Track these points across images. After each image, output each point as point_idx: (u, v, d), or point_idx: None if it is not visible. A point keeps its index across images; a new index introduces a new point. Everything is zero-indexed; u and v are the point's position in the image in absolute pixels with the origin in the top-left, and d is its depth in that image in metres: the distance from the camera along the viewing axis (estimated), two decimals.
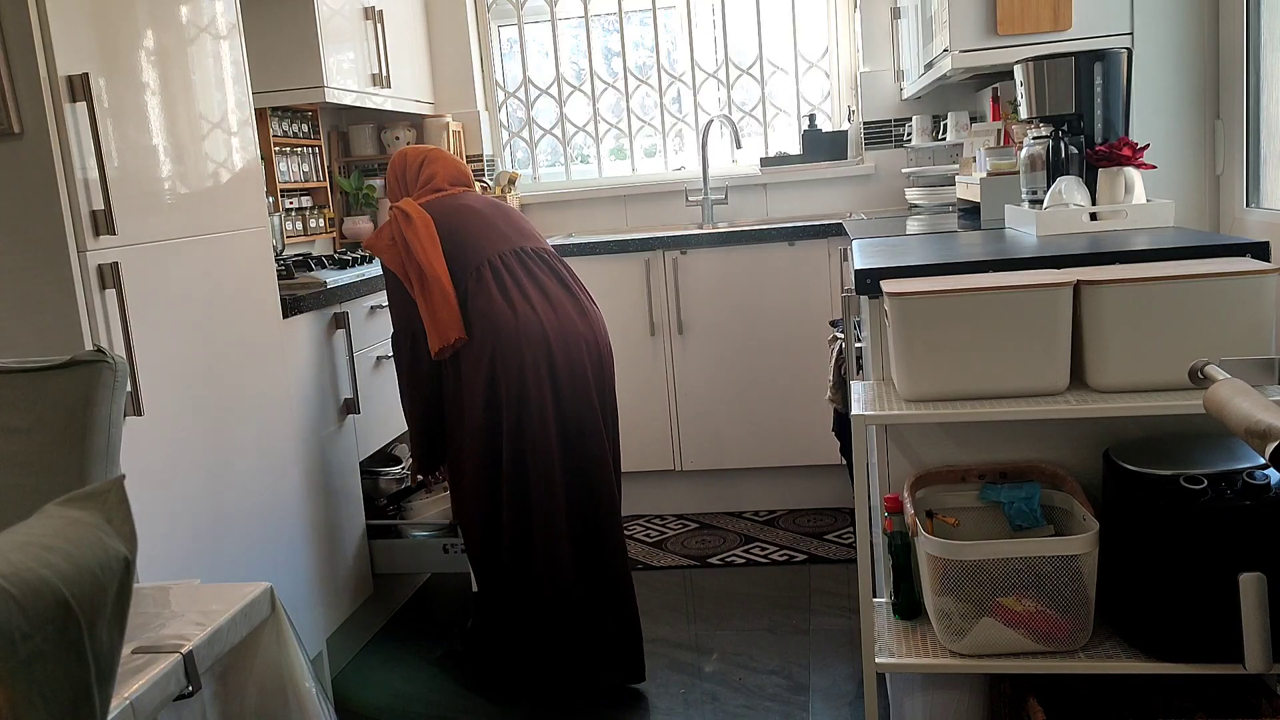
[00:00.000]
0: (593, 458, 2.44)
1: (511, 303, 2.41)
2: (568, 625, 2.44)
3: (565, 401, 2.42)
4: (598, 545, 2.46)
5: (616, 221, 4.18)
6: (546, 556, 2.40)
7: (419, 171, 2.66)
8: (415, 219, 2.48)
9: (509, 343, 2.37)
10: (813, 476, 3.62)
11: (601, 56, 4.24)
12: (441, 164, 2.68)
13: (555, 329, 2.41)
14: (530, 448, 2.38)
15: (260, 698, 1.27)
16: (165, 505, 2.00)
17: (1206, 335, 1.69)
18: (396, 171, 2.69)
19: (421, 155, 2.69)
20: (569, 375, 2.41)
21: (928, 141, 3.80)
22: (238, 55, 2.34)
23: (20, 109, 1.77)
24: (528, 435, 2.38)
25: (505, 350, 2.37)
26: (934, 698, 2.00)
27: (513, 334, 2.38)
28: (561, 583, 2.41)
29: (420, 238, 2.45)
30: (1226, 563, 1.60)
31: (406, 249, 2.46)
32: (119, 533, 0.85)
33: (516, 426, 2.38)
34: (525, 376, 2.37)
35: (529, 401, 2.37)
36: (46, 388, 1.27)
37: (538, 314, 2.41)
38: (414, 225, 2.47)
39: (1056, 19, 2.66)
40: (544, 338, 2.39)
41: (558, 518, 2.40)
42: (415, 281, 2.45)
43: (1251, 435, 1.07)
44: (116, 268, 1.87)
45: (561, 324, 2.43)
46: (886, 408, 1.80)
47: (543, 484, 2.38)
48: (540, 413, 2.38)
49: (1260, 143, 2.46)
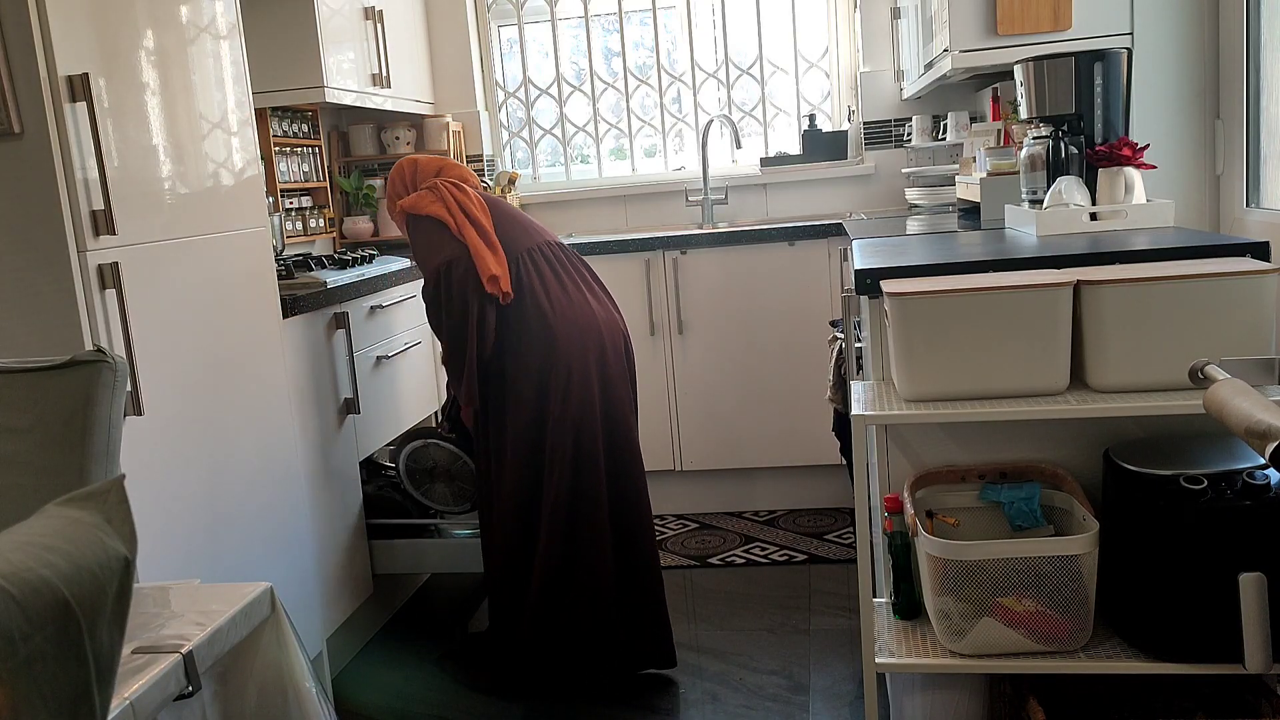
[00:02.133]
0: (630, 446, 2.52)
1: (565, 289, 2.49)
2: (606, 615, 2.46)
3: (611, 391, 2.50)
4: (634, 535, 2.51)
5: (616, 221, 4.18)
6: (590, 547, 2.44)
7: (437, 175, 2.64)
8: (470, 190, 2.51)
9: (563, 332, 2.44)
10: (813, 476, 3.62)
11: (601, 56, 4.24)
12: (458, 169, 2.67)
13: (604, 320, 2.51)
14: (578, 438, 2.43)
15: (260, 698, 1.27)
16: (165, 505, 2.00)
17: (1206, 335, 1.69)
18: (406, 175, 2.66)
19: (439, 163, 2.67)
20: (615, 367, 2.51)
21: (928, 141, 3.80)
22: (238, 55, 2.34)
23: (20, 109, 1.77)
24: (577, 424, 2.43)
25: (558, 339, 2.43)
26: (934, 698, 2.00)
27: (568, 323, 2.44)
28: (602, 574, 2.44)
29: (473, 204, 2.48)
30: (1226, 563, 1.60)
31: (461, 210, 2.47)
32: (119, 533, 0.85)
33: (564, 416, 2.43)
34: (573, 366, 2.43)
35: (577, 391, 2.43)
36: (46, 388, 1.27)
37: (589, 304, 2.50)
38: (468, 195, 2.49)
39: (1056, 19, 2.66)
40: (595, 329, 2.47)
41: (601, 509, 2.45)
42: (468, 229, 2.45)
43: (1251, 435, 1.07)
44: (116, 268, 1.87)
45: (607, 315, 2.53)
46: (886, 408, 1.80)
47: (590, 475, 2.44)
48: (586, 402, 2.44)
49: (1260, 143, 2.46)
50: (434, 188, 2.53)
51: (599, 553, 2.44)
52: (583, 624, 2.46)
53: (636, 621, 2.51)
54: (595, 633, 2.47)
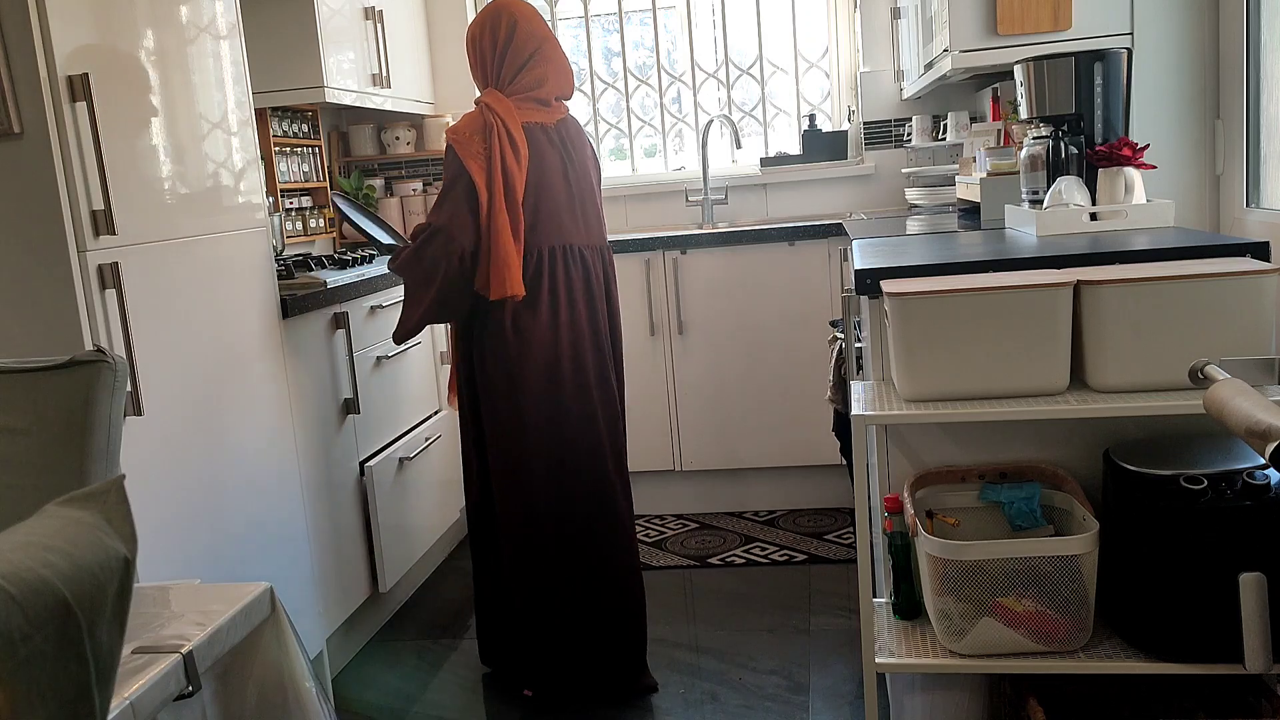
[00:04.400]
0: (597, 463, 2.40)
1: (556, 309, 2.33)
2: (562, 629, 2.44)
3: (566, 416, 2.37)
4: (606, 552, 2.45)
5: (616, 221, 4.18)
6: (549, 567, 2.41)
7: (526, 64, 2.32)
8: (523, 155, 2.23)
9: (530, 353, 2.34)
10: (813, 476, 3.62)
11: (601, 56, 4.24)
12: (555, 67, 2.34)
13: (567, 344, 2.36)
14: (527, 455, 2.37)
15: (260, 698, 1.27)
16: (165, 505, 2.00)
17: (1206, 335, 1.69)
18: (493, 42, 2.31)
19: (536, 44, 2.30)
20: (572, 387, 2.37)
21: (928, 141, 3.80)
22: (238, 55, 2.34)
23: (20, 109, 1.77)
24: (528, 442, 2.37)
25: (524, 360, 2.34)
26: (934, 698, 2.00)
27: (541, 346, 2.33)
28: (567, 595, 2.41)
29: (515, 181, 2.22)
30: (1226, 563, 1.60)
31: (504, 180, 2.21)
32: (119, 533, 0.85)
33: (521, 429, 2.36)
34: (530, 390, 2.34)
35: (530, 418, 2.35)
36: (46, 388, 1.27)
37: (557, 329, 2.34)
38: (520, 162, 2.22)
39: (1056, 19, 2.66)
40: (555, 357, 2.34)
41: (564, 526, 2.40)
42: (494, 213, 2.22)
43: (1252, 435, 1.07)
44: (116, 268, 1.87)
45: (575, 338, 2.37)
46: (886, 408, 1.80)
47: (545, 493, 2.38)
48: (540, 430, 2.36)
49: (1260, 143, 2.46)
50: (496, 133, 2.23)
51: (562, 572, 2.40)
52: (560, 643, 2.44)
53: (611, 645, 2.46)
54: (568, 654, 2.44)
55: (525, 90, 2.33)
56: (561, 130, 2.38)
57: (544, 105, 2.36)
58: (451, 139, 2.27)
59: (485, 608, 2.59)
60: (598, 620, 2.44)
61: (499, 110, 2.26)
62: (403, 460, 2.98)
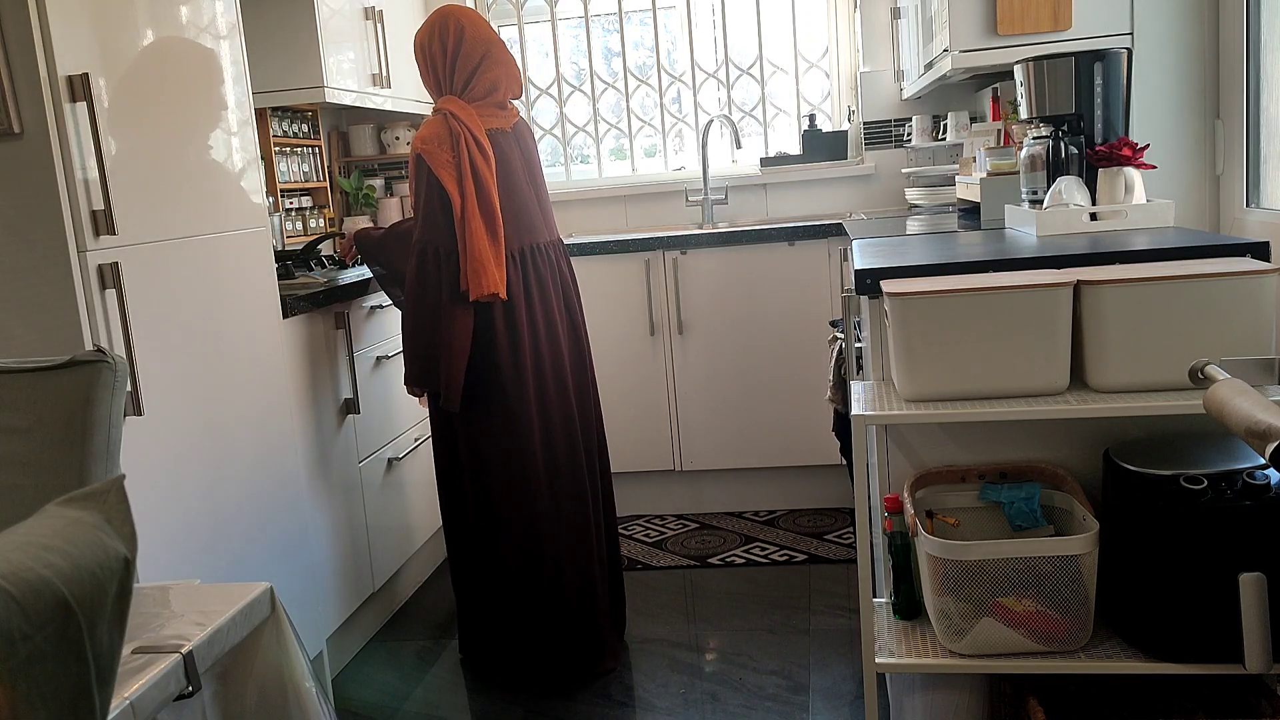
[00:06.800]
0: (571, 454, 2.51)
1: (531, 305, 2.42)
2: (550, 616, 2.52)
3: (551, 417, 2.48)
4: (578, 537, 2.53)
5: (616, 221, 4.18)
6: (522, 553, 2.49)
7: (477, 69, 2.33)
8: (491, 161, 2.25)
9: (521, 349, 2.41)
10: (813, 476, 3.62)
11: (601, 56, 4.24)
12: (505, 70, 2.36)
13: (545, 339, 2.45)
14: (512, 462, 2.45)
15: (260, 698, 1.27)
16: (165, 505, 2.00)
17: (1206, 335, 1.69)
18: (442, 49, 2.32)
19: (484, 47, 2.31)
20: (555, 393, 2.48)
21: (928, 141, 3.80)
22: (238, 55, 2.34)
23: (20, 109, 1.77)
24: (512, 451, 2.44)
25: (516, 355, 2.41)
26: (934, 698, 2.00)
27: (526, 342, 2.41)
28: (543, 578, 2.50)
29: (488, 185, 2.23)
30: (1226, 563, 1.60)
31: (476, 181, 2.22)
32: (119, 533, 0.85)
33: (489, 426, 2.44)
34: (519, 385, 2.42)
35: (518, 419, 2.43)
36: (46, 388, 1.27)
37: (535, 325, 2.44)
38: (487, 156, 2.24)
39: (1056, 19, 2.66)
40: (538, 352, 2.44)
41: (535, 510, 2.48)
42: (468, 217, 2.22)
43: (1252, 435, 1.07)
44: (116, 268, 1.87)
45: (551, 332, 2.47)
46: (886, 408, 1.80)
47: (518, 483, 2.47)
48: (526, 431, 2.44)
49: (1260, 143, 2.46)
50: (454, 132, 2.24)
51: (549, 565, 2.49)
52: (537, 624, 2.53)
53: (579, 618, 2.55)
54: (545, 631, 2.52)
55: (482, 97, 2.37)
56: (518, 132, 2.48)
57: (501, 109, 2.43)
58: (421, 150, 2.29)
59: (465, 602, 2.65)
60: (576, 612, 2.53)
61: (463, 118, 2.29)
62: (391, 461, 2.98)
